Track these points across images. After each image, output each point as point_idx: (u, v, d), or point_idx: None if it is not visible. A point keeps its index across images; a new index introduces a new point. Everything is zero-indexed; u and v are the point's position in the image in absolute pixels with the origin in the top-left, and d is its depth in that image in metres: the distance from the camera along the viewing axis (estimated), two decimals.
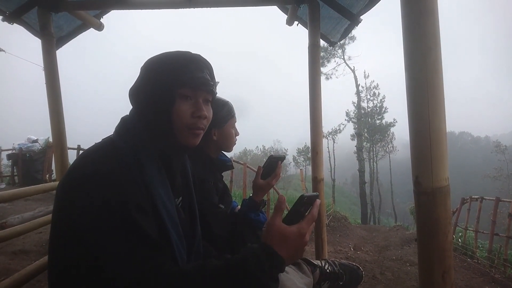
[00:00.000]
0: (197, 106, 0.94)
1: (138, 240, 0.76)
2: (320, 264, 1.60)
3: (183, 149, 1.00)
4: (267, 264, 0.78)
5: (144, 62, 0.97)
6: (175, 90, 0.91)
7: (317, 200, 0.88)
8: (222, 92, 1.62)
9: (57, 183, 2.41)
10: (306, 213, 0.87)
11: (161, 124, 0.93)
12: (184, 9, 2.78)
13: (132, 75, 1.03)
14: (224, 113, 1.58)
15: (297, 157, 42.85)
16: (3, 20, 2.59)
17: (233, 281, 0.76)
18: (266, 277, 0.77)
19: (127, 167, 0.84)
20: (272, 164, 1.59)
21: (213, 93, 1.00)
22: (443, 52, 1.17)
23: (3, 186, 9.18)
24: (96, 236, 0.74)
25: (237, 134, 1.67)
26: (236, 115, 1.66)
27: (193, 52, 0.99)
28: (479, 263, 4.82)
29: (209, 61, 1.00)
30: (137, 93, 0.95)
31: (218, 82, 1.08)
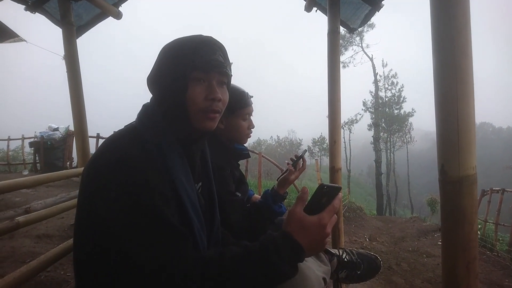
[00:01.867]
0: (211, 88, 0.93)
1: (160, 226, 0.77)
2: (337, 253, 1.60)
3: (201, 134, 0.99)
4: (286, 251, 0.78)
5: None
6: (187, 74, 0.90)
7: (339, 193, 0.86)
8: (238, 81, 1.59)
9: (78, 169, 2.47)
10: (328, 205, 0.84)
11: (177, 109, 0.92)
12: None
13: (148, 64, 1.03)
14: (231, 101, 1.53)
15: (312, 148, 42.59)
16: (26, 9, 2.64)
17: (252, 267, 0.77)
18: (285, 264, 0.77)
19: (150, 153, 0.85)
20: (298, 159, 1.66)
21: (227, 74, 0.98)
22: None
23: (26, 172, 9.51)
24: (118, 222, 0.75)
25: (251, 126, 1.63)
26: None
27: (204, 35, 0.97)
28: (499, 256, 4.73)
29: (222, 43, 0.98)
30: (153, 80, 0.96)
31: (232, 63, 1.06)
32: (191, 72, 0.90)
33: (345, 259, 1.60)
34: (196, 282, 0.75)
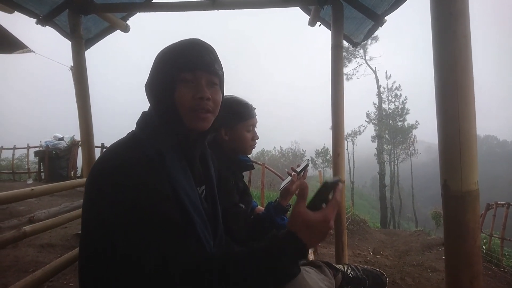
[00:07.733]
0: (198, 88, 0.95)
1: (161, 223, 0.80)
2: (342, 269, 1.59)
3: (197, 135, 1.01)
4: (291, 251, 0.79)
5: None
6: (175, 75, 0.93)
7: (340, 184, 0.87)
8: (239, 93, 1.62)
9: (83, 179, 2.50)
10: (330, 198, 0.86)
11: (169, 112, 0.95)
12: (208, 11, 2.84)
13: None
14: (235, 113, 1.54)
15: (315, 159, 42.49)
16: (37, 23, 2.71)
17: (257, 264, 0.78)
18: (289, 263, 0.79)
19: (149, 158, 0.87)
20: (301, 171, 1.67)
21: (217, 74, 0.99)
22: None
23: (30, 181, 9.55)
24: (122, 224, 0.78)
25: (255, 138, 1.63)
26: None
27: (193, 37, 1.00)
28: (506, 272, 4.65)
29: (212, 45, 1.01)
30: (148, 87, 0.99)
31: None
32: (179, 73, 0.93)
33: (350, 275, 1.59)
34: (200, 276, 0.77)
